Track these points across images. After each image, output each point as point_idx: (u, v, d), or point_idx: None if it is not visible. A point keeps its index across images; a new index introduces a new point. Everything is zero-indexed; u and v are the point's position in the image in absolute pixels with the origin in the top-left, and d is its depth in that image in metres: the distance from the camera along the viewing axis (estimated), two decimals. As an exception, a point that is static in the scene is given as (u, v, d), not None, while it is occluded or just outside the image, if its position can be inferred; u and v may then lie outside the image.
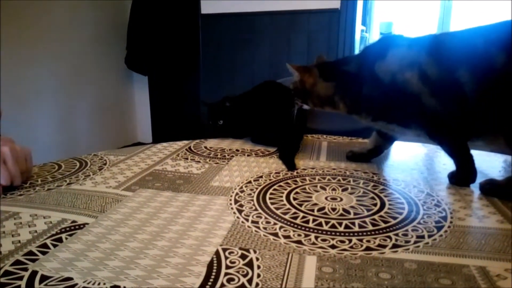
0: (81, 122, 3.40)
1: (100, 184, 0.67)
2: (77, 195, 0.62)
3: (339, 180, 0.70)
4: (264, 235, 0.49)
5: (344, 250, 0.46)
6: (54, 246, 0.46)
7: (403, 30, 4.18)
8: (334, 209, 0.57)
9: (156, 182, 0.69)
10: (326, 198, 0.61)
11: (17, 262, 0.42)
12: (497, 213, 0.56)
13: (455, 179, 0.68)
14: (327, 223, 0.53)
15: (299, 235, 0.49)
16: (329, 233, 0.50)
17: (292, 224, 0.52)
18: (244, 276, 0.40)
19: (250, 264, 0.43)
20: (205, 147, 0.94)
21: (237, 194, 0.63)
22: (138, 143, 4.08)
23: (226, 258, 0.44)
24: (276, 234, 0.50)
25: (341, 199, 0.61)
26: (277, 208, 0.58)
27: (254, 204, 0.59)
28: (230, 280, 0.40)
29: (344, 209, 0.57)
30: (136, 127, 4.08)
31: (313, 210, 0.57)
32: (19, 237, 0.48)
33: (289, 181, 0.69)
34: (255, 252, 0.45)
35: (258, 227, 0.52)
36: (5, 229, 0.50)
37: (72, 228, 0.51)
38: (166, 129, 3.88)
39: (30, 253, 0.44)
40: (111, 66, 3.60)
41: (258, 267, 0.42)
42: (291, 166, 0.77)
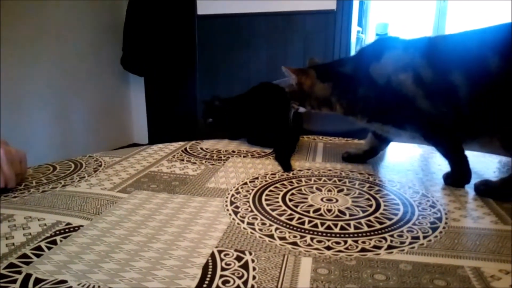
0: (77, 123, 3.39)
1: (95, 186, 0.67)
2: (72, 197, 0.62)
3: (335, 181, 0.70)
4: (260, 237, 0.49)
5: (340, 252, 0.46)
6: (49, 249, 0.46)
7: (399, 31, 4.20)
8: (330, 210, 0.57)
9: (152, 184, 0.68)
10: (322, 199, 0.61)
11: (11, 265, 0.42)
12: (492, 214, 0.56)
13: (450, 180, 0.69)
14: (323, 225, 0.53)
15: (295, 237, 0.49)
16: (325, 235, 0.50)
17: (288, 226, 0.52)
18: (240, 278, 0.40)
19: (246, 266, 0.43)
20: (201, 148, 0.93)
21: (233, 196, 0.63)
22: (134, 144, 4.07)
23: (222, 260, 0.44)
24: (272, 236, 0.50)
25: (337, 200, 0.61)
26: (273, 210, 0.58)
27: (250, 206, 0.59)
28: (226, 282, 0.40)
29: (340, 210, 0.57)
30: (132, 128, 4.07)
31: (309, 211, 0.57)
32: (13, 240, 0.48)
33: (285, 183, 0.69)
34: (251, 254, 0.45)
35: (254, 229, 0.52)
36: (-1, 232, 0.49)
37: (67, 231, 0.50)
38: (162, 130, 3.88)
39: (24, 256, 0.44)
40: (107, 67, 3.59)
41: (254, 269, 0.42)
42: (287, 167, 0.78)
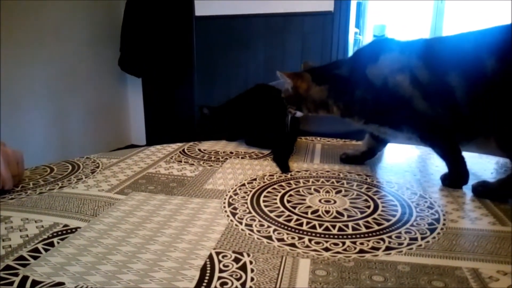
0: (75, 124, 3.38)
1: (93, 188, 0.66)
2: (69, 199, 0.61)
3: (333, 183, 0.70)
4: (258, 238, 0.49)
5: (338, 253, 0.46)
6: (46, 251, 0.46)
7: (397, 33, 4.21)
8: (328, 212, 0.57)
9: (149, 185, 0.68)
10: (320, 201, 0.61)
11: (8, 267, 0.42)
12: (489, 215, 0.56)
13: (448, 181, 0.69)
14: (321, 226, 0.53)
15: (293, 238, 0.49)
16: (323, 236, 0.50)
17: (286, 227, 0.52)
18: (238, 280, 0.40)
19: (244, 268, 0.42)
20: (199, 150, 0.93)
21: (231, 197, 0.63)
22: (132, 145, 4.06)
23: (220, 262, 0.44)
24: (270, 237, 0.50)
25: (335, 202, 0.61)
26: (271, 211, 0.58)
27: (248, 207, 0.59)
28: (224, 284, 0.39)
29: (338, 212, 0.57)
30: (130, 129, 4.06)
31: (307, 213, 0.57)
32: (10, 242, 0.47)
33: (283, 184, 0.69)
34: (249, 256, 0.45)
35: (252, 230, 0.51)
36: (-4, 234, 0.49)
37: (64, 232, 0.50)
38: (160, 131, 3.87)
39: (21, 258, 0.44)
40: (105, 68, 3.59)
41: (252, 271, 0.42)
42: (285, 169, 0.77)
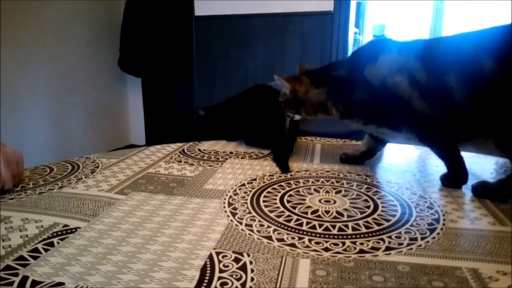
0: (74, 124, 3.38)
1: (92, 188, 0.66)
2: (69, 199, 0.61)
3: (333, 183, 0.70)
4: (258, 238, 0.49)
5: (338, 253, 0.46)
6: (46, 251, 0.46)
7: (396, 33, 4.21)
8: (328, 212, 0.57)
9: (149, 185, 0.68)
10: (320, 201, 0.61)
11: (8, 268, 0.42)
12: (489, 215, 0.56)
13: (447, 181, 0.69)
14: (321, 226, 0.53)
15: (293, 238, 0.49)
16: (323, 236, 0.50)
17: (286, 227, 0.52)
18: (238, 280, 0.40)
19: (244, 268, 0.42)
20: (199, 150, 0.93)
21: (231, 197, 0.63)
22: (131, 145, 4.06)
23: (220, 262, 0.44)
24: (270, 237, 0.50)
25: (335, 202, 0.61)
26: (271, 211, 0.58)
27: (248, 207, 0.59)
28: (224, 284, 0.39)
29: (338, 212, 0.57)
30: (129, 129, 4.06)
31: (307, 213, 0.57)
32: (10, 242, 0.47)
33: (283, 184, 0.69)
34: (249, 256, 0.45)
35: (252, 230, 0.51)
36: (-4, 234, 0.49)
37: (64, 232, 0.50)
38: (160, 131, 3.87)
39: (21, 258, 0.44)
40: (104, 68, 3.59)
41: (252, 271, 0.42)
42: (285, 169, 0.77)
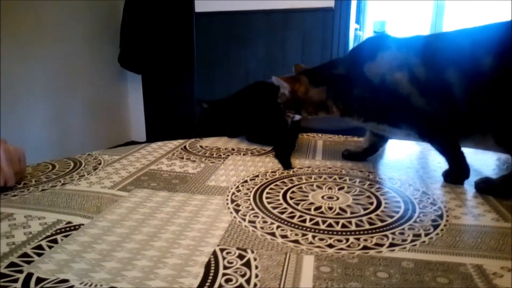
0: (74, 121, 3.38)
1: (95, 184, 0.66)
2: (72, 196, 0.61)
3: (335, 179, 0.70)
4: (262, 235, 0.49)
5: (342, 250, 0.46)
6: (50, 248, 0.46)
7: (397, 29, 4.20)
8: (331, 208, 0.57)
9: (152, 182, 0.68)
10: (323, 197, 0.61)
11: (12, 264, 0.42)
12: (492, 211, 0.56)
13: (449, 177, 0.69)
14: (324, 222, 0.53)
15: (296, 235, 0.49)
16: (326, 232, 0.50)
17: (289, 224, 0.52)
18: (242, 276, 0.40)
19: (248, 264, 0.42)
20: (201, 146, 0.93)
21: (234, 194, 0.63)
22: (132, 142, 4.06)
23: (224, 259, 0.44)
24: (273, 234, 0.50)
25: (338, 198, 0.61)
26: (274, 208, 0.58)
27: (251, 204, 0.59)
28: (228, 281, 0.39)
29: (341, 208, 0.57)
30: (130, 126, 4.06)
31: (310, 209, 0.57)
32: (14, 239, 0.47)
33: (285, 180, 0.69)
34: (253, 252, 0.45)
35: (255, 227, 0.51)
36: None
37: (68, 229, 0.50)
38: (160, 128, 3.87)
39: (25, 255, 0.44)
40: (105, 65, 3.58)
41: (256, 267, 0.42)
42: (287, 165, 0.77)
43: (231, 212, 0.56)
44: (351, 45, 2.67)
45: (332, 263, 0.43)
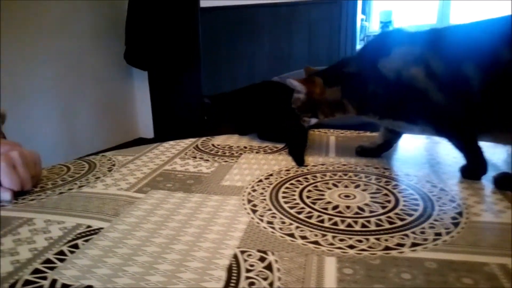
0: (82, 119, 3.40)
1: (111, 186, 0.67)
2: (89, 199, 0.62)
3: (351, 177, 0.69)
4: (281, 236, 0.49)
5: (363, 250, 0.45)
6: (71, 253, 0.46)
7: (403, 18, 4.16)
8: (349, 207, 0.57)
9: (167, 183, 0.68)
10: (339, 196, 0.61)
11: (36, 271, 0.42)
12: (513, 208, 0.56)
13: (467, 173, 0.68)
14: (343, 222, 0.52)
15: (316, 235, 0.49)
16: (346, 233, 0.50)
17: (308, 224, 0.52)
18: (265, 280, 0.40)
19: (270, 267, 0.42)
20: (213, 145, 0.93)
21: (250, 194, 0.63)
22: (140, 139, 4.08)
23: (245, 261, 0.44)
24: (293, 235, 0.49)
25: (355, 197, 0.61)
26: (291, 207, 0.57)
27: (268, 204, 0.59)
28: (251, 284, 0.39)
29: (359, 207, 0.57)
30: (137, 123, 4.07)
31: (327, 209, 0.57)
32: (35, 245, 0.48)
33: (300, 179, 0.69)
34: (273, 254, 0.45)
35: (274, 228, 0.51)
36: (21, 236, 0.49)
37: (88, 234, 0.50)
38: (168, 124, 3.87)
39: (48, 261, 0.44)
40: (111, 62, 3.59)
41: (278, 270, 0.42)
42: (301, 162, 0.77)
43: (248, 213, 0.56)
44: (358, 36, 2.65)
45: (355, 265, 0.43)
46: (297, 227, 0.51)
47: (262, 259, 0.44)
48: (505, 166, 0.73)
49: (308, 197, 0.61)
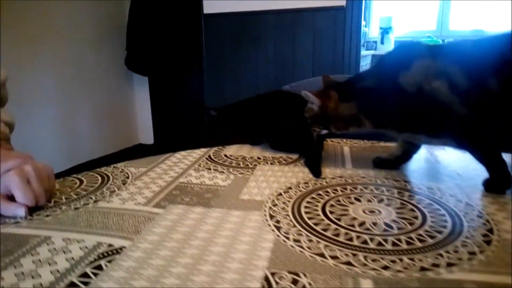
0: (82, 124, 3.37)
1: (128, 201, 0.65)
2: (107, 214, 0.60)
3: (372, 190, 0.68)
4: (310, 256, 0.48)
5: (399, 272, 0.44)
6: (95, 275, 0.44)
7: (403, 24, 4.17)
8: (375, 224, 0.55)
9: (185, 197, 0.67)
10: (364, 211, 0.60)
11: (61, 296, 0.40)
12: (544, 224, 0.54)
13: (490, 187, 0.67)
14: (372, 240, 0.51)
15: (347, 255, 0.48)
16: (377, 252, 0.48)
17: (336, 242, 0.51)
18: (301, 305, 0.38)
19: (304, 290, 0.41)
20: (225, 155, 0.92)
21: (271, 208, 0.61)
22: (140, 145, 4.05)
23: (277, 283, 0.42)
24: (323, 255, 0.48)
25: (380, 212, 0.59)
26: (316, 224, 0.56)
27: (291, 220, 0.57)
28: (288, 310, 0.38)
29: (386, 224, 0.55)
30: (137, 128, 4.05)
31: (354, 225, 0.55)
32: (57, 266, 0.46)
33: (321, 192, 0.68)
34: (306, 276, 0.43)
35: (302, 247, 0.50)
36: (41, 257, 0.48)
37: (110, 253, 0.49)
38: (168, 130, 3.86)
39: (73, 284, 0.42)
40: (111, 67, 3.57)
41: (313, 294, 0.40)
42: (318, 173, 0.76)
43: (273, 230, 0.54)
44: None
45: (392, 288, 0.41)
46: (326, 246, 0.50)
47: (295, 282, 0.42)
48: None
49: (332, 212, 0.59)
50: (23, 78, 2.69)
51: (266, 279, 0.43)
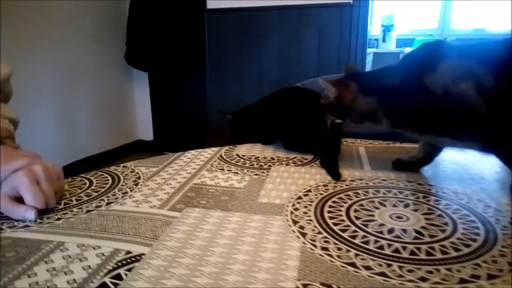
0: (81, 120, 3.33)
1: (143, 203, 0.62)
2: (122, 218, 0.57)
3: (396, 194, 0.66)
4: (342, 266, 0.45)
5: (437, 284, 0.41)
6: (115, 285, 0.41)
7: (405, 22, 4.15)
8: (405, 231, 0.53)
9: (201, 199, 0.64)
10: (391, 217, 0.57)
11: (81, 309, 0.38)
12: None
13: (518, 192, 0.64)
14: (404, 249, 0.48)
15: (380, 265, 0.45)
16: (412, 262, 0.46)
17: (367, 251, 0.48)
18: (340, 321, 0.36)
19: (341, 305, 0.38)
20: (237, 155, 0.89)
21: (292, 213, 0.59)
22: (139, 141, 4.02)
23: (311, 297, 0.39)
24: (354, 264, 0.45)
25: (408, 218, 0.57)
26: (342, 230, 0.53)
27: (316, 226, 0.55)
28: (327, 327, 0.35)
29: (416, 231, 0.53)
30: (137, 124, 4.01)
31: (382, 232, 0.53)
32: (73, 275, 0.43)
33: (342, 196, 0.65)
34: (340, 288, 0.41)
35: (331, 255, 0.47)
36: (55, 265, 0.45)
37: (129, 261, 0.46)
38: (168, 126, 3.82)
39: (92, 296, 0.40)
40: (111, 63, 3.52)
41: (351, 308, 0.38)
42: (336, 176, 0.73)
43: (298, 237, 0.52)
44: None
45: (435, 302, 0.39)
46: (357, 255, 0.47)
47: (329, 294, 0.40)
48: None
49: (357, 218, 0.57)
50: (22, 73, 2.64)
51: (298, 292, 0.40)
